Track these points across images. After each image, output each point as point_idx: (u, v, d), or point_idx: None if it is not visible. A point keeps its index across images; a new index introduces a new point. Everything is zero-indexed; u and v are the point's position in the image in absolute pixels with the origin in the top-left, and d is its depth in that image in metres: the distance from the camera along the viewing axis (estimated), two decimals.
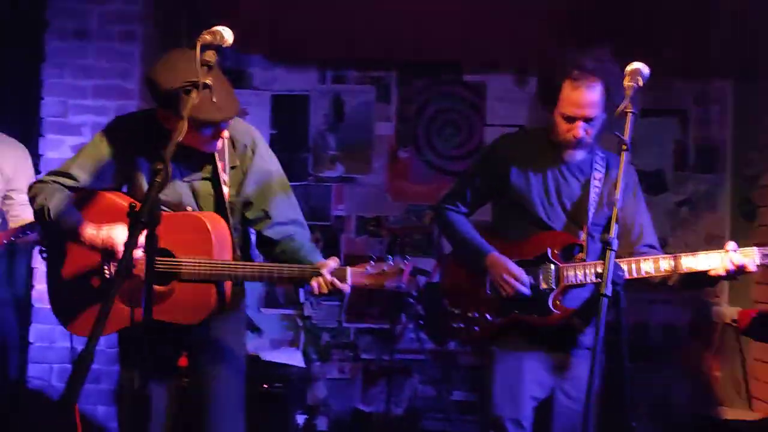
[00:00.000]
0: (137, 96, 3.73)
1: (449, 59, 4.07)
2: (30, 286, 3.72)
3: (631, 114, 1.86)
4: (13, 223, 2.95)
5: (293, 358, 3.86)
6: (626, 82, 1.93)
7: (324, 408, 4.11)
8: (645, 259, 2.27)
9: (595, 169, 2.39)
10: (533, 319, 2.38)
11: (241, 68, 4.13)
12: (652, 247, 2.42)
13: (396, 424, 3.92)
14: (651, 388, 3.81)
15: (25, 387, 3.67)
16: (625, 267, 2.21)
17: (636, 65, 1.98)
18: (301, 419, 3.89)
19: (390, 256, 2.04)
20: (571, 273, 2.33)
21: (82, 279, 2.17)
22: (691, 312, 4.00)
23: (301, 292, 4.13)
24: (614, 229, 1.77)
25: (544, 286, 2.36)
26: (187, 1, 4.01)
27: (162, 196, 1.95)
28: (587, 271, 2.31)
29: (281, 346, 4.03)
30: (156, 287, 1.99)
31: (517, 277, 2.35)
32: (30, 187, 2.20)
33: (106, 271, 2.12)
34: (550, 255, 2.35)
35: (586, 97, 2.26)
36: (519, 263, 2.38)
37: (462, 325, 2.47)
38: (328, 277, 2.01)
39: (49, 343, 3.70)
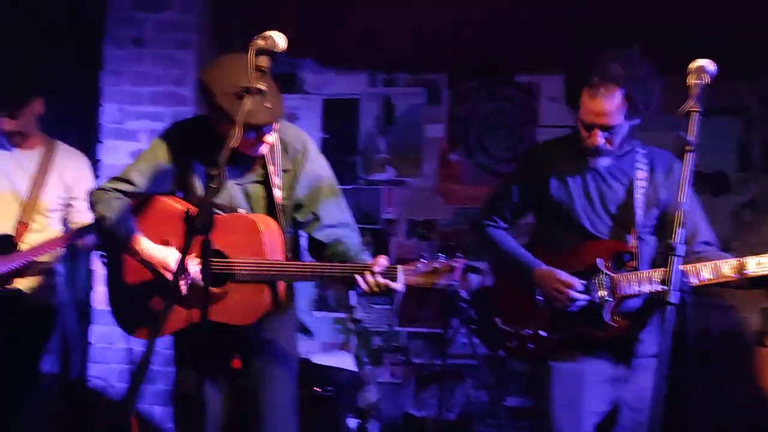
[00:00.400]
0: (192, 102, 3.81)
1: (500, 59, 4.01)
2: (90, 288, 3.83)
3: (696, 113, 1.77)
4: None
5: (344, 361, 3.86)
6: (691, 80, 1.84)
7: (375, 412, 4.09)
8: (704, 265, 2.18)
9: (638, 168, 2.30)
10: (591, 333, 2.29)
11: (291, 72, 4.16)
12: (708, 243, 2.31)
13: (448, 429, 3.88)
14: (711, 398, 3.67)
15: (85, 386, 3.77)
16: None
17: (701, 62, 1.89)
18: (352, 423, 3.87)
19: (442, 255, 1.99)
20: (625, 283, 2.25)
21: (139, 284, 2.22)
22: (757, 318, 3.84)
23: (352, 294, 4.13)
24: (680, 234, 1.68)
25: (598, 297, 2.27)
26: (240, 9, 4.06)
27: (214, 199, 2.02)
28: (643, 280, 2.22)
29: (332, 350, 4.04)
30: (211, 288, 2.01)
31: (569, 285, 2.27)
32: (90, 194, 2.26)
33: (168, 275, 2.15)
34: (601, 265, 2.26)
35: (603, 105, 2.18)
36: None
37: (515, 344, 2.41)
38: (379, 276, 1.99)
39: (109, 344, 3.80)
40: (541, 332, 2.36)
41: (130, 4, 3.83)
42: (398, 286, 2.00)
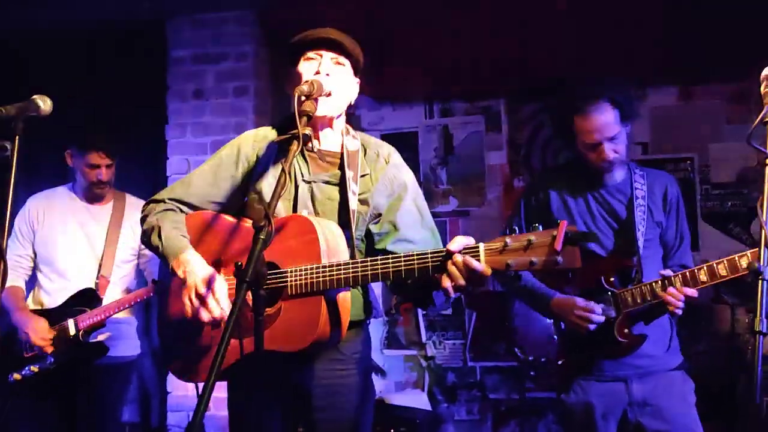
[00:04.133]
0: None
1: (558, 80, 3.93)
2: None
3: None
4: (150, 277, 3.10)
5: (419, 400, 3.78)
6: (764, 89, 1.72)
7: None
8: (718, 262, 2.17)
9: (636, 188, 2.40)
10: (601, 352, 2.34)
11: (348, 111, 4.18)
12: (684, 267, 2.34)
13: None
14: None
15: None
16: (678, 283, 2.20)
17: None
18: None
19: (539, 225, 1.56)
20: (629, 298, 2.30)
21: (189, 321, 1.87)
22: None
23: (423, 330, 4.06)
24: (765, 255, 1.55)
25: (608, 316, 2.32)
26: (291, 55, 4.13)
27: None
28: (646, 292, 2.28)
29: (406, 388, 3.96)
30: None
31: (590, 311, 2.31)
32: (144, 206, 2.05)
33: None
34: (604, 283, 2.32)
35: (598, 119, 2.32)
36: None
37: (533, 374, 2.59)
38: (458, 256, 1.61)
39: (185, 392, 3.84)
40: (559, 362, 2.44)
41: (189, 58, 3.96)
42: (480, 266, 1.59)
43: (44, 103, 1.96)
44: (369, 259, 1.73)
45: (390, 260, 1.69)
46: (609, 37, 3.61)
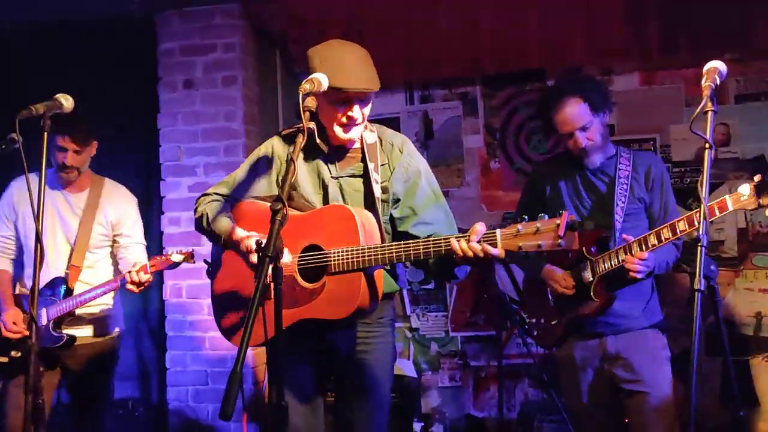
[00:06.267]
0: (243, 135, 4.02)
1: (532, 67, 4.11)
2: (163, 318, 4.06)
3: (711, 113, 1.88)
4: (124, 264, 3.08)
5: (406, 368, 3.97)
6: (704, 82, 1.93)
7: (438, 415, 4.21)
8: (650, 234, 2.49)
9: (620, 168, 2.71)
10: (582, 311, 2.68)
11: None
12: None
13: (510, 428, 3.96)
14: None
15: (165, 408, 4.00)
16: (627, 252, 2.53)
17: (713, 64, 1.96)
18: (418, 427, 4.00)
19: (544, 214, 1.84)
20: (601, 263, 2.63)
21: (237, 292, 2.22)
22: None
23: (407, 303, 4.26)
24: (703, 225, 1.79)
25: (586, 280, 2.67)
26: (277, 42, 4.27)
27: (308, 193, 2.17)
28: (612, 257, 2.60)
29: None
30: (308, 285, 2.08)
31: (560, 279, 2.73)
32: (196, 200, 2.36)
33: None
34: (585, 252, 2.66)
35: (567, 113, 2.67)
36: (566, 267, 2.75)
37: (535, 333, 2.89)
38: (477, 245, 1.89)
39: (183, 367, 4.02)
40: (551, 321, 2.81)
41: (179, 50, 4.08)
42: (497, 251, 1.88)
43: (66, 101, 2.13)
44: (402, 243, 2.02)
45: (420, 244, 1.98)
46: (576, 26, 3.79)
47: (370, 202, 2.18)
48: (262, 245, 1.71)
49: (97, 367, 3.09)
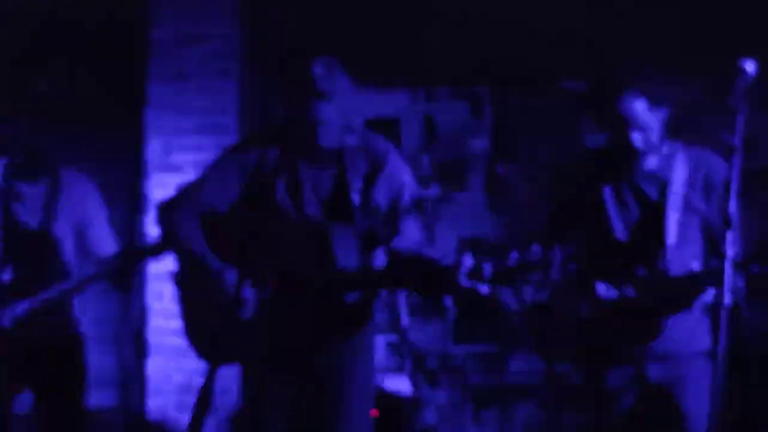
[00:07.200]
0: (235, 131, 3.86)
1: (543, 67, 3.96)
2: (145, 323, 3.88)
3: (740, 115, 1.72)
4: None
5: (401, 384, 3.84)
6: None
7: None
8: None
9: (674, 173, 2.36)
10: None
11: None
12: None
13: None
14: None
15: (145, 418, 3.83)
16: None
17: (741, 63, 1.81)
18: None
19: (536, 247, 1.80)
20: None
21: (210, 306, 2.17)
22: None
23: (404, 315, 4.13)
24: (730, 238, 1.67)
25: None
26: (277, 35, 4.13)
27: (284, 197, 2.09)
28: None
29: (387, 373, 4.04)
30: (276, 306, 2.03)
31: None
32: (159, 208, 2.26)
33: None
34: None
35: (627, 111, 2.30)
36: None
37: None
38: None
39: (166, 376, 3.84)
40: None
41: (171, 40, 3.92)
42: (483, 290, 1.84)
43: None
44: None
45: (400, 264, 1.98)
46: (594, 26, 3.70)
47: (346, 212, 2.09)
48: None
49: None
